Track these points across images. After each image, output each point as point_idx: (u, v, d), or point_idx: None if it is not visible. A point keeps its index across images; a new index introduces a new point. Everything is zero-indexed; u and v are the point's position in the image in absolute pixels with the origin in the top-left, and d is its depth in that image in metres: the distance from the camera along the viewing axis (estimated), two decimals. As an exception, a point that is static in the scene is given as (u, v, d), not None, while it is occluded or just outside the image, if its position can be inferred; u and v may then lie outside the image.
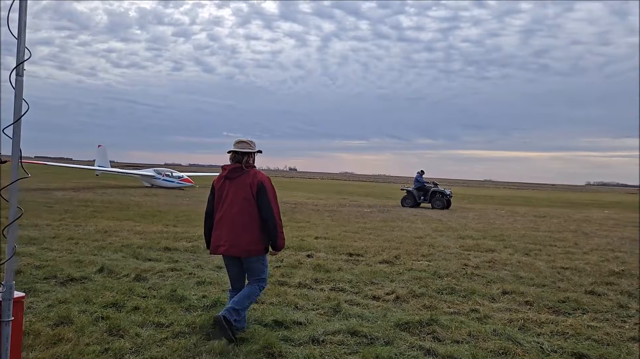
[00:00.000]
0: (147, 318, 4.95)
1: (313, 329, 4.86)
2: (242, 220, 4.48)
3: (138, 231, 11.04)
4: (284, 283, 6.78)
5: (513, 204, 34.13)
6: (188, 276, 6.88)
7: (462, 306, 5.96)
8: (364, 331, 4.79)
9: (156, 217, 14.25)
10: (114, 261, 7.59)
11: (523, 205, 32.78)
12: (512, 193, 64.87)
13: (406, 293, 6.38)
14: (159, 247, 9.10)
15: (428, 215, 19.58)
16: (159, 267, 7.28)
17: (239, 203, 4.49)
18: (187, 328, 4.72)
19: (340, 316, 5.34)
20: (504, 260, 9.18)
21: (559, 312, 5.89)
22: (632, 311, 5.96)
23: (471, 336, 4.82)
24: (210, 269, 7.48)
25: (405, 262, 8.60)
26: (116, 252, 8.45)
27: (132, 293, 5.84)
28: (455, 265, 8.49)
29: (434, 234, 13.06)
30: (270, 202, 4.53)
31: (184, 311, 5.31)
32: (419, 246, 10.54)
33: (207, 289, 6.24)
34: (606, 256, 10.14)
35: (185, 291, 5.99)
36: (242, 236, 4.48)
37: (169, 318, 4.99)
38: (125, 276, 6.71)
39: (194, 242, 9.74)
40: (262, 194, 4.50)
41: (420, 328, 4.98)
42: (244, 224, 4.48)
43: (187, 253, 8.70)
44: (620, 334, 5.06)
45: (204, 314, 5.07)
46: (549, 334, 4.99)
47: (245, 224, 4.48)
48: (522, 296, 6.46)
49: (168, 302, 5.55)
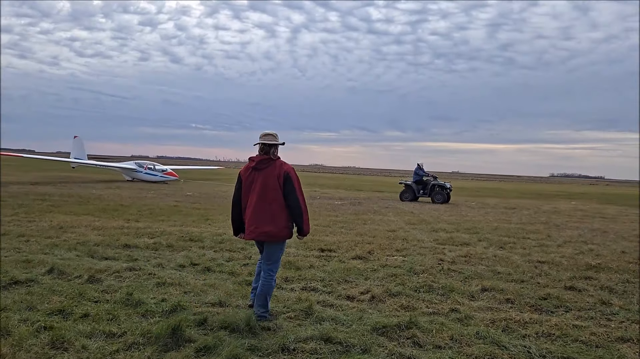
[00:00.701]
0: (97, 326, 4.42)
1: (283, 336, 4.43)
2: (270, 208, 4.77)
3: (96, 227, 10.37)
4: (251, 282, 6.30)
5: (483, 195, 34.36)
6: (147, 277, 6.34)
7: (441, 305, 5.63)
8: (338, 337, 4.38)
9: (118, 212, 13.53)
10: (66, 261, 6.98)
11: (492, 197, 33.05)
12: (481, 185, 65.71)
13: (382, 292, 6.01)
14: (117, 244, 8.49)
15: (400, 207, 19.37)
16: (115, 267, 6.71)
17: (267, 192, 4.77)
18: (142, 337, 4.22)
19: (313, 320, 4.92)
20: (479, 254, 8.93)
21: (541, 310, 5.62)
22: (616, 308, 5.74)
23: (454, 341, 4.48)
24: (173, 268, 6.95)
25: (379, 258, 8.25)
26: (70, 250, 7.82)
27: (82, 298, 5.29)
28: (430, 260, 8.18)
29: (407, 227, 12.78)
30: (296, 191, 4.82)
31: (139, 317, 4.80)
32: (393, 240, 10.22)
33: (168, 291, 5.73)
34: (580, 249, 10.03)
35: (142, 294, 5.48)
36: (270, 223, 4.77)
37: (121, 327, 4.48)
38: (77, 278, 6.13)
39: (156, 239, 9.17)
40: (288, 183, 4.79)
41: (399, 332, 4.61)
42: (272, 212, 4.77)
43: (148, 251, 8.13)
44: (607, 334, 4.81)
45: (161, 321, 4.57)
46: (534, 336, 4.69)
47: (273, 211, 4.77)
48: (502, 293, 6.18)
49: (122, 307, 5.03)
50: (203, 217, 13.01)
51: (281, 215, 4.80)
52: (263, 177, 4.79)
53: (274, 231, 4.78)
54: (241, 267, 7.12)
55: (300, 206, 4.84)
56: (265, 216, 4.77)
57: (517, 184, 78.74)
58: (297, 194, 4.82)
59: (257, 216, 4.78)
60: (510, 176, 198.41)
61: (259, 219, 4.78)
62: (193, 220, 12.39)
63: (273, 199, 4.76)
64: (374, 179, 67.76)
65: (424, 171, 23.38)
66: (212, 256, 7.83)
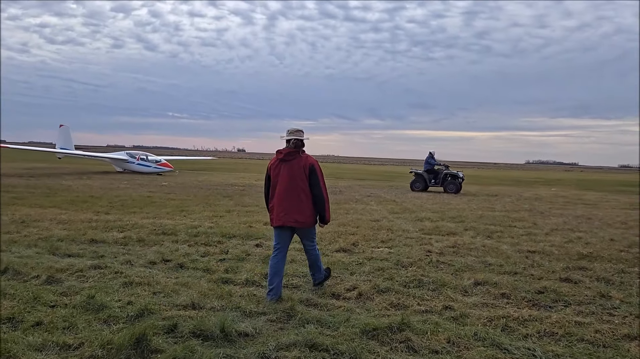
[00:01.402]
0: (50, 337, 3.87)
1: (263, 342, 3.97)
2: (298, 197, 5.16)
3: (62, 220, 9.71)
4: (228, 280, 5.82)
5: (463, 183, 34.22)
6: (113, 276, 5.79)
7: (433, 302, 5.23)
8: (325, 343, 3.92)
9: (87, 204, 12.82)
10: (24, 259, 6.37)
11: (472, 184, 32.96)
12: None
13: (369, 288, 5.58)
14: (83, 239, 7.89)
15: (382, 196, 19.01)
16: (79, 265, 6.14)
17: (294, 182, 5.16)
18: (101, 349, 3.68)
19: (296, 323, 4.46)
20: (467, 244, 8.59)
21: (539, 305, 5.26)
22: (616, 301, 5.41)
23: (451, 344, 4.07)
24: (142, 265, 6.41)
25: (364, 250, 7.83)
26: (30, 247, 7.20)
27: (37, 302, 4.73)
28: (418, 252, 7.79)
29: (391, 216, 12.40)
30: (320, 182, 5.24)
31: (101, 324, 4.27)
32: (377, 231, 9.81)
33: (135, 292, 5.20)
34: (569, 237, 9.78)
35: (106, 296, 4.94)
36: (298, 211, 5.17)
37: (79, 336, 3.94)
38: (35, 278, 5.56)
39: (126, 233, 8.58)
40: (313, 175, 5.20)
41: (391, 335, 4.17)
42: (299, 201, 5.17)
43: (117, 246, 7.55)
44: (612, 332, 4.46)
45: (125, 329, 4.04)
46: (536, 336, 4.31)
47: (300, 200, 5.17)
48: (496, 287, 5.81)
49: (82, 312, 4.48)
50: (178, 209, 12.41)
51: (307, 204, 5.21)
52: (290, 169, 5.18)
53: (301, 218, 5.19)
54: (217, 263, 6.61)
55: (324, 196, 5.27)
56: (293, 204, 5.16)
57: (495, 171, 79.42)
58: (321, 185, 5.25)
59: (286, 204, 5.17)
60: (487, 163, 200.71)
61: (288, 207, 5.16)
62: (167, 212, 11.79)
63: (300, 189, 5.16)
64: (354, 168, 67.43)
65: (435, 159, 22.44)
66: (186, 251, 7.30)
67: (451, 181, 22.02)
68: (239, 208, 13.02)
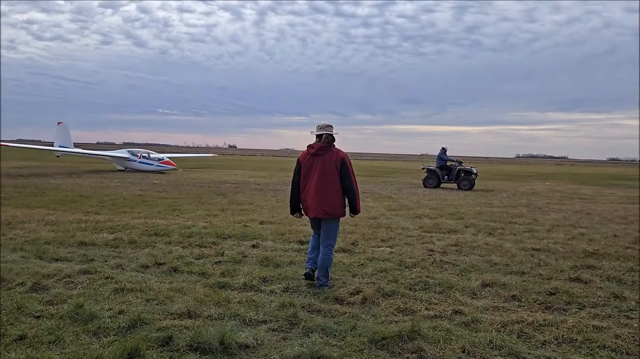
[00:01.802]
0: (34, 353, 3.57)
1: (265, 355, 3.69)
2: (329, 189, 5.42)
3: (50, 222, 9.35)
4: (225, 284, 5.53)
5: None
6: (103, 282, 5.48)
7: (441, 306, 4.97)
8: (332, 355, 3.66)
9: (76, 204, 12.44)
10: (8, 264, 6.04)
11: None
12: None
13: (374, 292, 5.31)
14: (72, 242, 7.55)
15: (377, 192, 18.77)
16: (67, 271, 5.81)
17: (326, 175, 5.40)
18: (90, 366, 3.40)
19: (299, 331, 4.19)
20: (469, 242, 8.35)
21: (552, 308, 5.02)
22: (632, 303, 5.19)
23: (466, 353, 3.81)
24: (134, 269, 6.10)
25: (365, 250, 7.56)
26: (15, 251, 6.86)
27: (21, 312, 4.41)
28: (420, 251, 7.54)
29: (388, 213, 12.15)
30: (350, 175, 5.49)
31: (90, 336, 3.96)
32: (376, 229, 9.55)
33: (127, 299, 4.89)
34: (571, 233, 9.58)
35: (96, 304, 4.64)
36: (329, 203, 5.42)
37: (66, 351, 3.64)
38: (19, 286, 5.24)
39: (117, 234, 8.25)
40: (344, 168, 5.45)
41: (401, 345, 3.92)
42: (330, 193, 5.42)
43: (107, 248, 7.22)
44: (632, 337, 4.22)
45: (117, 342, 3.75)
46: (555, 343, 4.07)
47: (331, 192, 5.43)
48: (505, 289, 5.57)
49: (69, 323, 4.17)
50: (170, 208, 12.07)
51: (337, 196, 5.46)
52: (322, 163, 5.43)
53: (332, 209, 5.43)
54: (213, 266, 6.32)
55: (354, 188, 5.53)
56: (324, 196, 5.40)
57: (487, 166, 79.43)
58: (352, 178, 5.49)
59: (318, 196, 5.41)
60: (478, 158, 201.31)
61: (320, 199, 5.41)
62: (159, 211, 11.44)
63: (332, 182, 5.41)
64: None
65: (447, 155, 21.77)
66: (180, 253, 6.99)
67: (465, 176, 21.21)
68: (233, 206, 12.70)
